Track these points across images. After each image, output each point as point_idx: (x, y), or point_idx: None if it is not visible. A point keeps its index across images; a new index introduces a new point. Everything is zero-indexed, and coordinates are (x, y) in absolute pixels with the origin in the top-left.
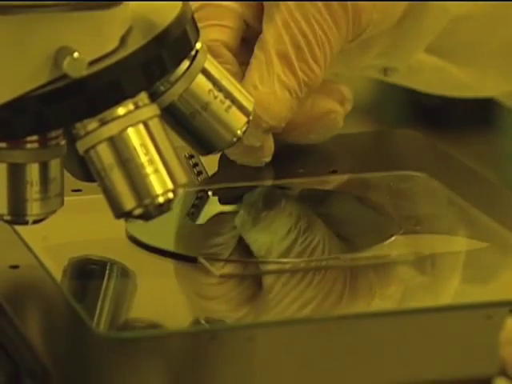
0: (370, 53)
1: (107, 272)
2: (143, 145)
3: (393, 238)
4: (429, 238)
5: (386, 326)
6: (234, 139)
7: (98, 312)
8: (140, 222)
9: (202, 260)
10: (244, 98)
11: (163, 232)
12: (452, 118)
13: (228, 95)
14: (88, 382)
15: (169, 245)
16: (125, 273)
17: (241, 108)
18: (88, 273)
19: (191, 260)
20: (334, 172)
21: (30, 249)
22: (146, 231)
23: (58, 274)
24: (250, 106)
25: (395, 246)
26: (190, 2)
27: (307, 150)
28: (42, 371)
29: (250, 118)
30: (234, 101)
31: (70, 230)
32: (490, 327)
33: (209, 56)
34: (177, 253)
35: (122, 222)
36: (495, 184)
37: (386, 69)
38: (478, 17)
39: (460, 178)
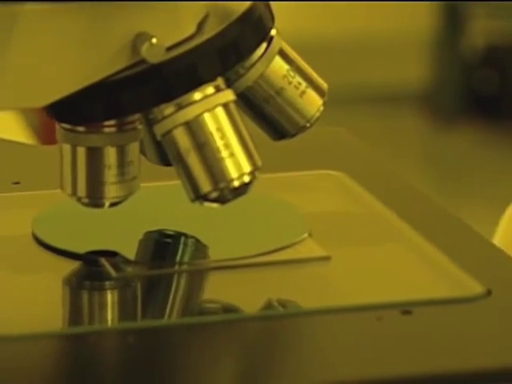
0: None
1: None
2: (219, 129)
3: (302, 237)
4: (337, 238)
5: (280, 328)
6: (308, 124)
7: None
8: (53, 221)
9: (102, 261)
10: (318, 80)
11: (70, 233)
12: (508, 107)
13: (305, 76)
14: None
15: (72, 246)
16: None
17: (317, 89)
18: None
19: (95, 261)
20: None
21: None
22: (54, 231)
23: None
24: (325, 88)
25: (303, 246)
26: None
27: None
28: None
29: (325, 99)
30: (311, 81)
31: None
32: (381, 329)
33: (283, 42)
34: (80, 254)
35: (29, 221)
36: (414, 186)
37: None
38: None
39: (379, 179)
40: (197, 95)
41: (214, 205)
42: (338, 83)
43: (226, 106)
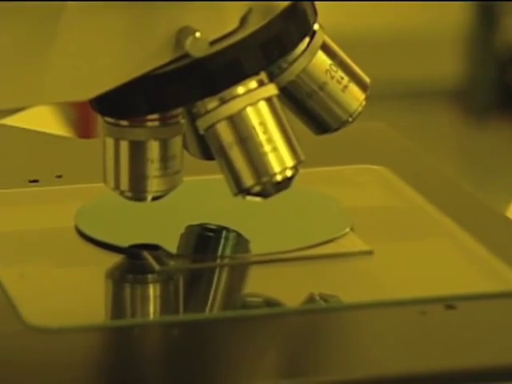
0: None
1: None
2: (262, 123)
3: (344, 232)
4: (379, 232)
5: (323, 322)
6: (350, 119)
7: (31, 304)
8: (95, 215)
9: (145, 254)
10: (361, 74)
11: (113, 226)
12: None
13: (347, 71)
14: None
15: (115, 239)
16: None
17: (359, 83)
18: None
19: (138, 255)
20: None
21: None
22: (96, 224)
23: None
24: (367, 82)
25: (346, 241)
26: None
27: None
28: None
29: (368, 93)
30: (354, 76)
31: (18, 219)
32: (425, 323)
33: (326, 36)
34: (123, 247)
35: (72, 214)
36: (456, 181)
37: None
38: None
39: (421, 173)
40: (240, 89)
41: (257, 199)
42: (371, 78)
43: (268, 100)
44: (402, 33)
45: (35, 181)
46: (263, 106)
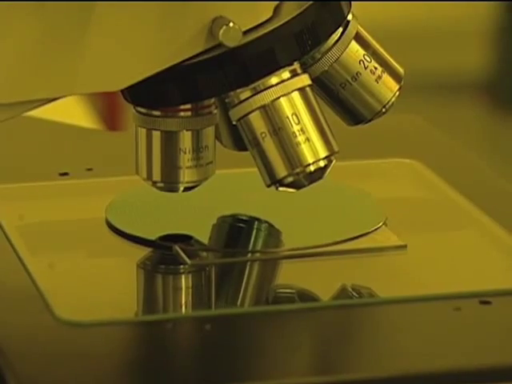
0: None
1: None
2: (295, 114)
3: (377, 226)
4: (412, 226)
5: (356, 317)
6: (384, 110)
7: (61, 296)
8: (126, 208)
9: (176, 248)
10: (394, 65)
11: (144, 220)
12: None
13: (381, 61)
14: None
15: (144, 232)
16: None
17: (393, 74)
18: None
19: (168, 248)
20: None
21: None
22: (126, 218)
23: (25, 253)
24: (401, 73)
25: (379, 235)
26: None
27: None
28: None
29: (401, 83)
30: (388, 66)
31: (48, 211)
32: (459, 319)
33: (359, 26)
34: (153, 241)
35: (102, 207)
36: (491, 174)
37: None
38: None
39: (455, 167)
40: (273, 79)
41: (290, 190)
42: None
43: (302, 90)
44: (429, 24)
45: (65, 174)
46: (296, 96)
